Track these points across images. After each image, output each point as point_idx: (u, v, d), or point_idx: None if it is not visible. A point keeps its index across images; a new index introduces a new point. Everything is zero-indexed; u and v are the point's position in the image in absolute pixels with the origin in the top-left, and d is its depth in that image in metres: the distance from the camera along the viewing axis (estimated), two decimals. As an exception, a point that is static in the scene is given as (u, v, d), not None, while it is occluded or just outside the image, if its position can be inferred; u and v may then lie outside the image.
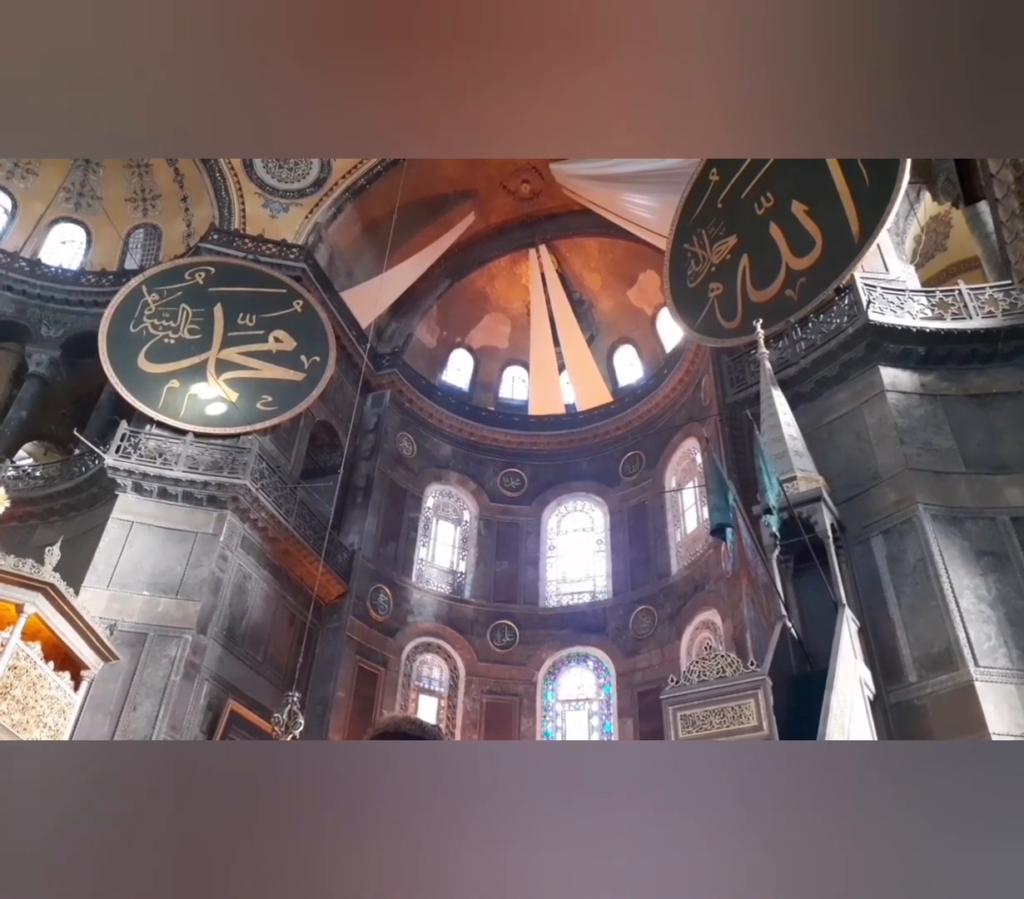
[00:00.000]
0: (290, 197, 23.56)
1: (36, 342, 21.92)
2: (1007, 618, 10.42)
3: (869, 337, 13.06)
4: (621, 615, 21.27)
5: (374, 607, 20.38)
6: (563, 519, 24.44)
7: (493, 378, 28.25)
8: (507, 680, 21.11)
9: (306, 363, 20.13)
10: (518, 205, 26.67)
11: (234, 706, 15.99)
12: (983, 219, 13.85)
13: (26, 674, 11.01)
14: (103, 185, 25.33)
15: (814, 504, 11.36)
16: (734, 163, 17.08)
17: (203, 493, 17.06)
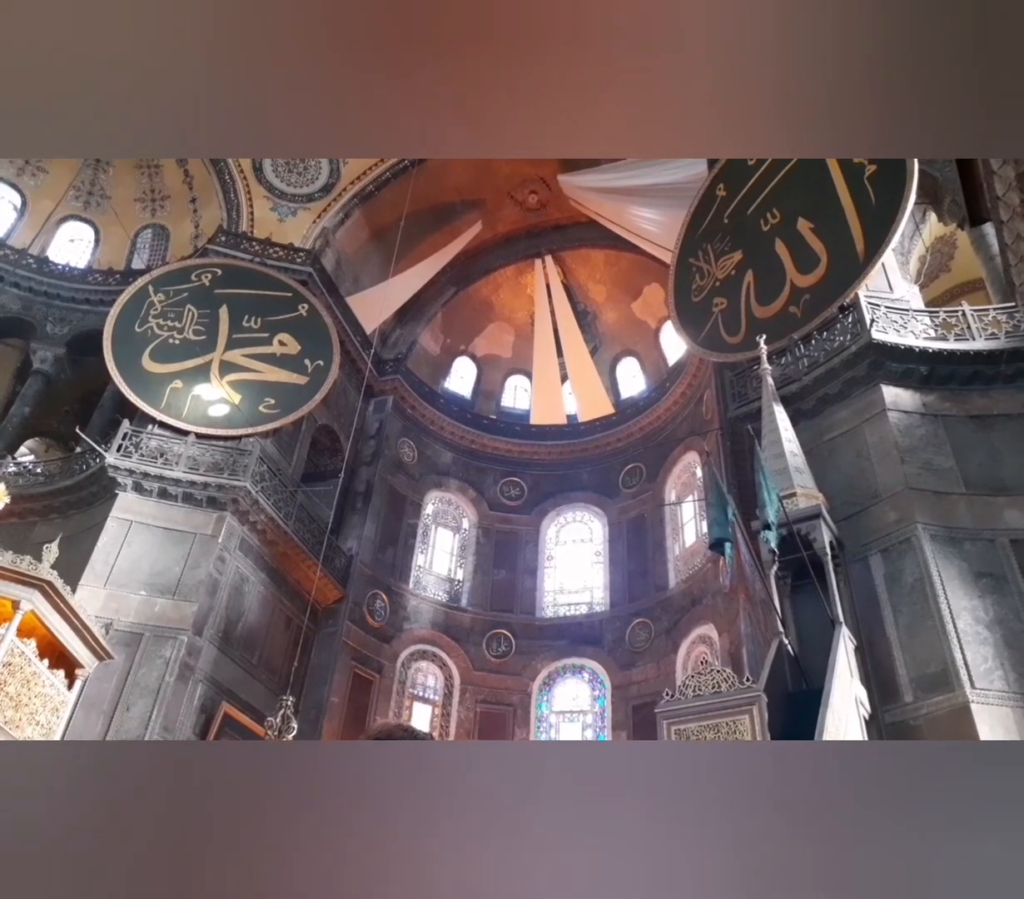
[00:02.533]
0: (299, 201, 23.66)
1: (41, 339, 21.99)
2: (1004, 640, 10.41)
3: (872, 355, 13.10)
4: (618, 627, 21.25)
5: (371, 613, 20.36)
6: (562, 529, 24.45)
7: (496, 387, 28.30)
8: (502, 690, 21.08)
9: (310, 367, 20.17)
10: (525, 215, 26.77)
11: (228, 709, 15.96)
12: (988, 241, 13.90)
13: (20, 671, 11.00)
14: (113, 184, 25.43)
15: (813, 521, 11.37)
16: (741, 179, 17.16)
17: (203, 494, 17.06)
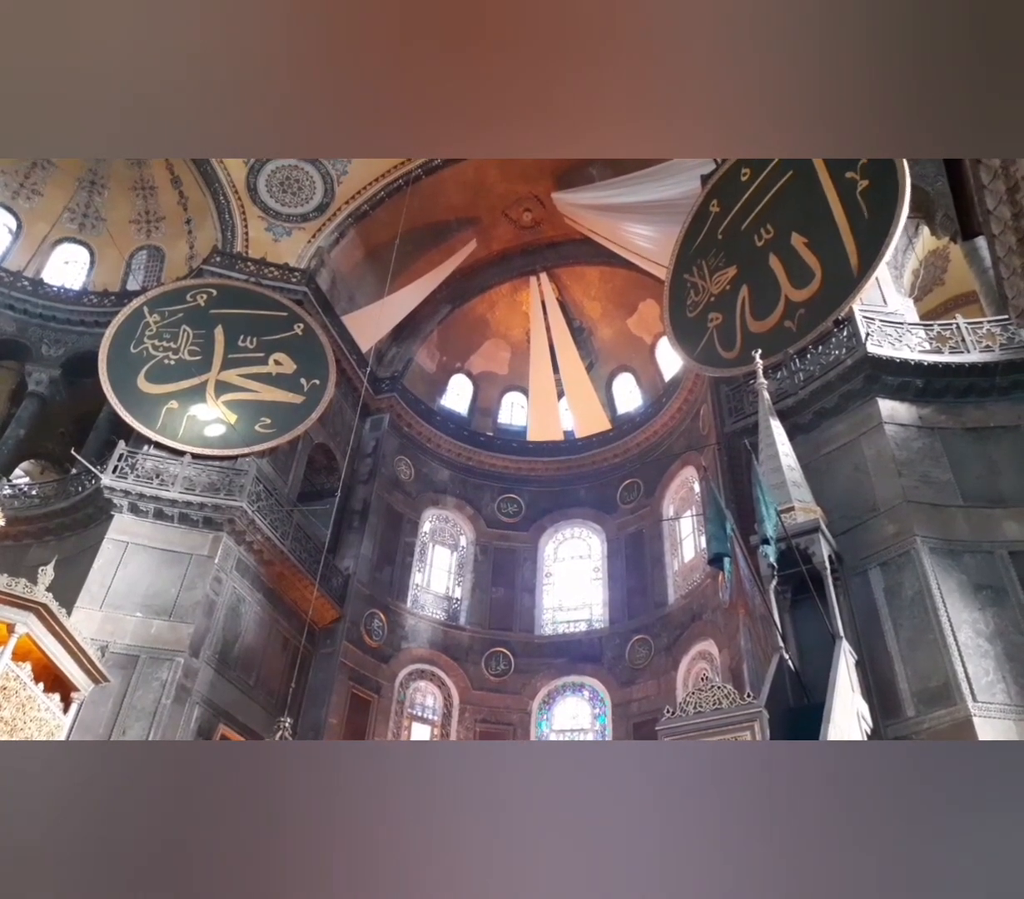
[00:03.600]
0: (293, 221, 23.76)
1: (36, 361, 21.99)
2: (1005, 653, 10.35)
3: (867, 369, 13.11)
4: (617, 644, 21.14)
5: (368, 632, 20.24)
6: (560, 546, 24.37)
7: (492, 404, 28.33)
8: (501, 709, 20.92)
9: (306, 386, 20.18)
10: (520, 233, 26.90)
11: (224, 731, 15.83)
12: (981, 254, 13.95)
13: (15, 695, 10.89)
14: (107, 206, 25.54)
15: (812, 535, 11.32)
16: (734, 195, 17.26)
17: (199, 515, 17.00)
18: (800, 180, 15.61)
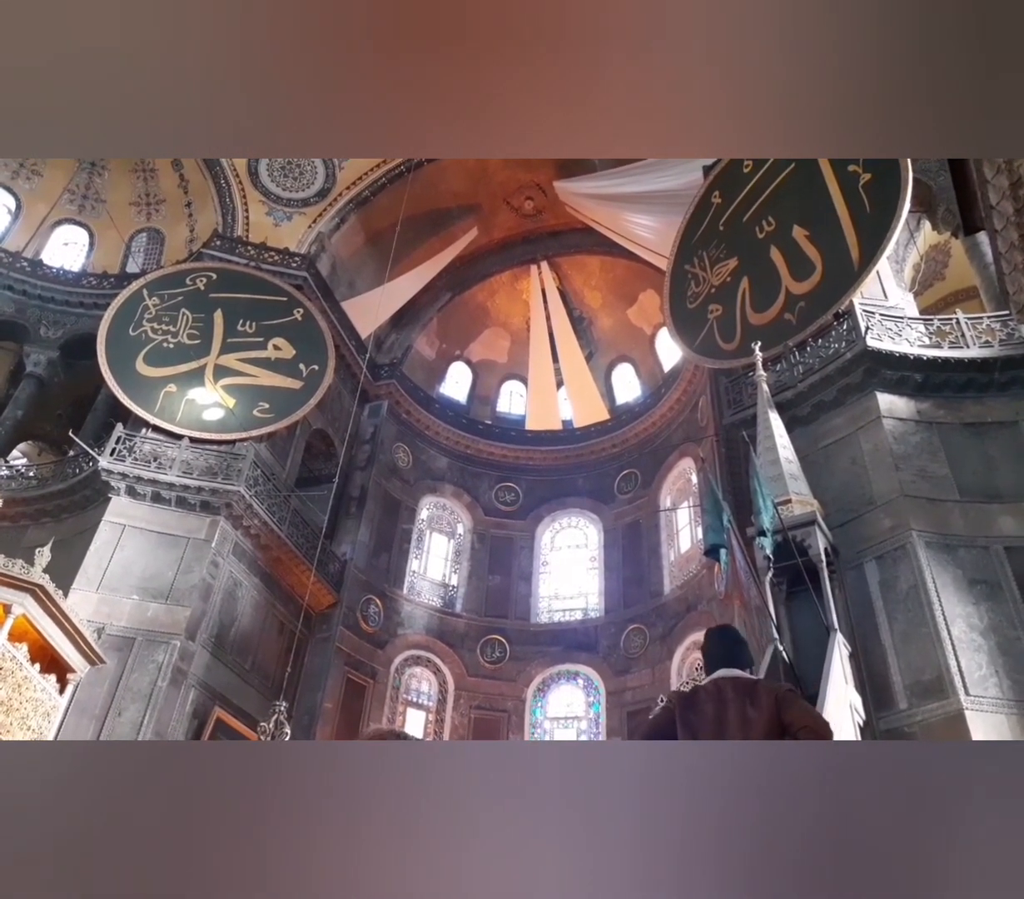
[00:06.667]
0: (294, 206, 23.65)
1: (35, 342, 21.93)
2: (999, 647, 10.41)
3: (867, 363, 13.13)
4: (613, 633, 21.22)
5: (364, 618, 20.30)
6: (557, 535, 24.42)
7: (491, 392, 28.31)
8: (496, 696, 21.02)
9: (304, 371, 20.15)
10: (521, 221, 26.81)
11: (220, 714, 15.88)
12: (982, 249, 13.95)
13: (11, 676, 10.94)
14: (108, 188, 25.41)
15: (808, 527, 11.36)
16: (736, 186, 17.22)
17: (196, 498, 17.02)
18: (802, 173, 15.57)
